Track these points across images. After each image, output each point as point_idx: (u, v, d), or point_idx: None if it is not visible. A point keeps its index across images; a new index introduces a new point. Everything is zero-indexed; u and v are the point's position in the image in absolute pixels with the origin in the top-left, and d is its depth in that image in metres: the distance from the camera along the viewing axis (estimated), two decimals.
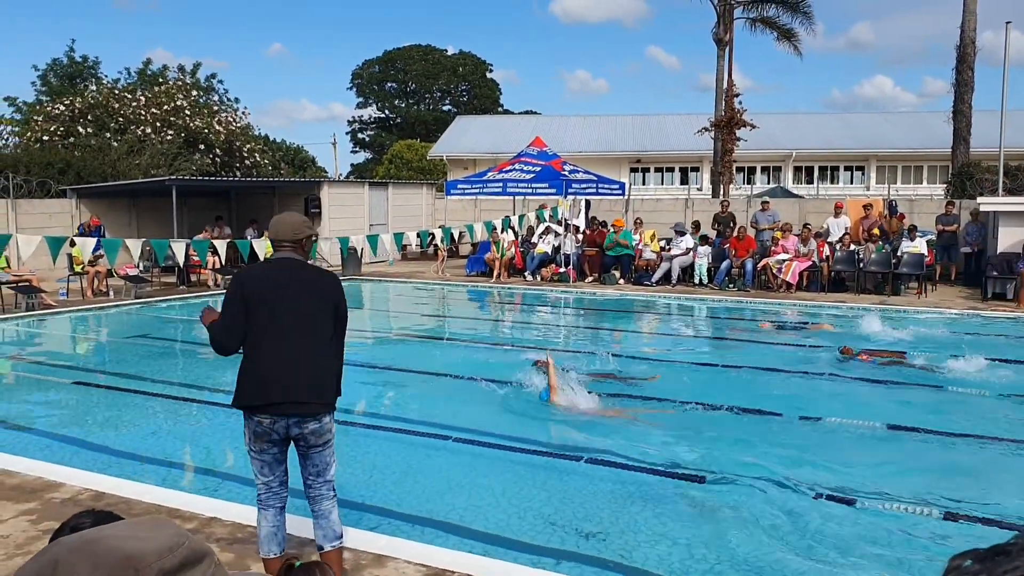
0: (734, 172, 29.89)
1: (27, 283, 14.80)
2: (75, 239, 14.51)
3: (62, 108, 28.36)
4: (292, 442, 4.16)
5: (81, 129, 27.28)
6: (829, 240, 18.84)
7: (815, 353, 11.22)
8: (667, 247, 19.55)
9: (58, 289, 16.15)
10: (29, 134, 27.72)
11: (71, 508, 5.46)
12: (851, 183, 38.96)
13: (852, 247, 18.22)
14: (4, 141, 28.45)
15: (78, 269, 16.53)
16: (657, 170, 40.69)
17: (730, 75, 28.68)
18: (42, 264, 16.06)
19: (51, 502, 5.59)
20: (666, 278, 18.99)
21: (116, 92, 30.25)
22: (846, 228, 19.17)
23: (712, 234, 20.21)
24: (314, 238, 4.47)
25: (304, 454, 4.16)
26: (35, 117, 29.35)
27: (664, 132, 41.02)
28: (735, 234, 19.12)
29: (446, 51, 62.37)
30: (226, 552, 4.81)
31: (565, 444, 7.08)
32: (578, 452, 6.78)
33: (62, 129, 27.39)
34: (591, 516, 5.50)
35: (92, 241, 13.42)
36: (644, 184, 39.31)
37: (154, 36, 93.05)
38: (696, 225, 20.17)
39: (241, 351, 4.15)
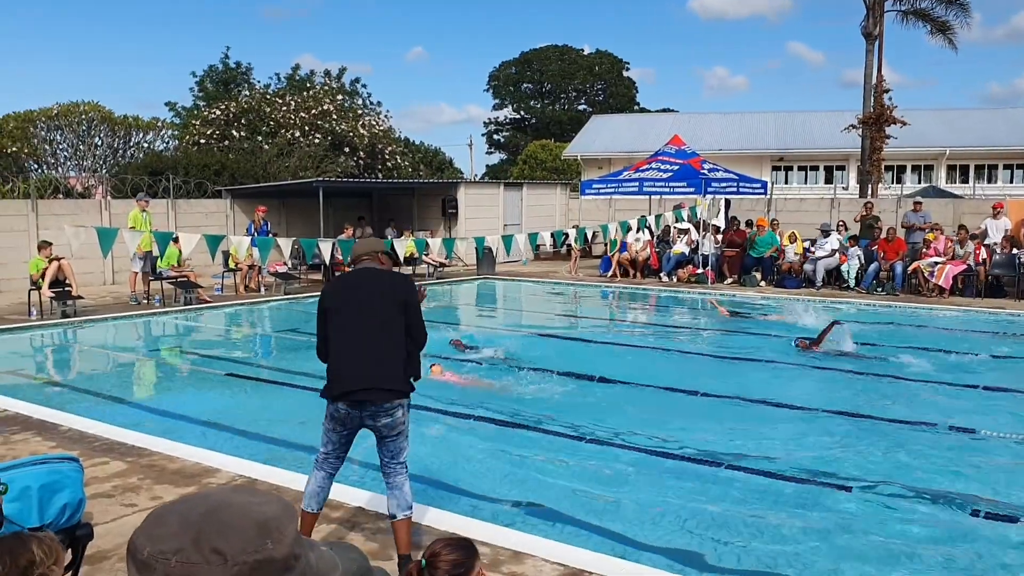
0: (883, 171, 28.60)
1: (186, 279, 15.69)
2: (233, 238, 15.32)
3: (217, 113, 29.97)
4: (367, 429, 4.64)
5: (235, 133, 28.75)
6: (987, 242, 17.75)
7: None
8: (811, 248, 18.88)
9: (213, 285, 17.05)
10: (187, 137, 29.42)
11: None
12: (1011, 182, 36.53)
13: (1013, 250, 17.12)
14: (165, 144, 30.30)
15: (232, 266, 17.42)
16: (800, 169, 39.37)
17: (879, 70, 27.45)
18: (199, 261, 17.01)
19: (209, 487, 5.90)
20: (809, 281, 18.36)
21: (267, 97, 31.72)
22: (1006, 230, 18.01)
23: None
24: (390, 256, 5.18)
25: (380, 441, 4.66)
26: (193, 121, 31.13)
27: (808, 129, 39.61)
28: (884, 235, 18.28)
29: (582, 50, 62.29)
30: (370, 542, 4.95)
31: (704, 449, 6.95)
32: (717, 459, 6.64)
33: (217, 133, 28.93)
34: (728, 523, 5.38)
35: (247, 240, 14.16)
36: (787, 183, 38.11)
37: (302, 42, 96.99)
38: (843, 225, 19.42)
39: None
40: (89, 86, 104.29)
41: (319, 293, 4.89)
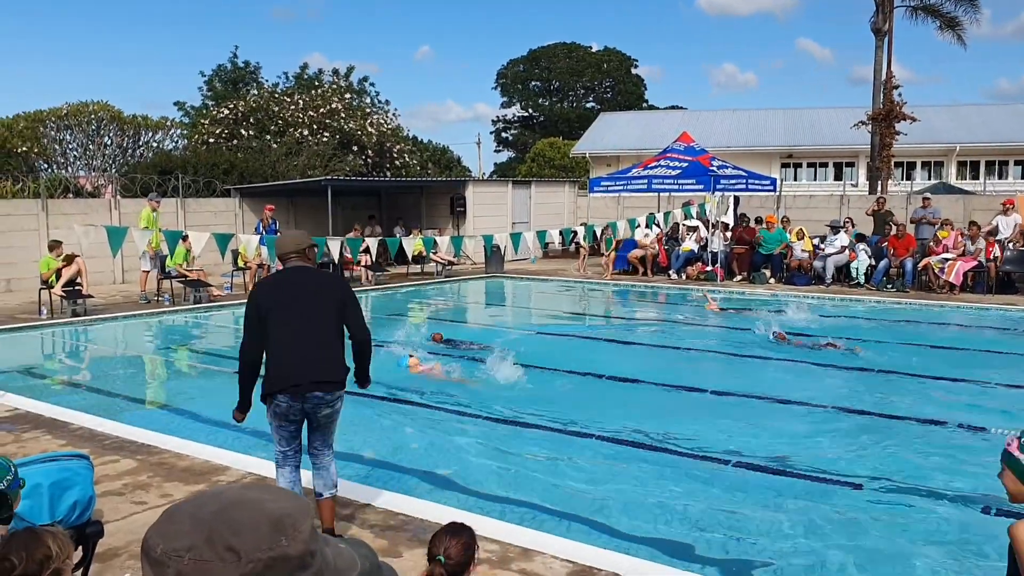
0: (892, 167, 28.48)
1: (196, 278, 15.73)
2: (242, 236, 15.37)
3: (226, 112, 30.02)
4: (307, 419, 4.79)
5: (243, 132, 28.78)
6: (999, 239, 17.66)
7: None
8: (820, 245, 18.81)
9: (223, 283, 17.09)
10: (196, 137, 29.48)
11: None
12: (1022, 178, 36.33)
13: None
14: (174, 143, 30.34)
15: (241, 265, 17.45)
16: (810, 165, 39.24)
17: (889, 66, 27.32)
18: (208, 260, 17.04)
19: (218, 484, 5.91)
20: (819, 278, 18.29)
21: (275, 96, 31.76)
22: (1016, 225, 17.92)
23: (868, 232, 19.34)
24: (315, 248, 5.20)
25: (315, 429, 4.84)
26: (202, 120, 31.18)
27: (817, 126, 39.48)
28: (894, 232, 18.21)
29: (591, 48, 62.15)
30: (379, 539, 4.96)
31: (710, 446, 6.93)
32: (726, 456, 6.64)
33: (226, 132, 28.98)
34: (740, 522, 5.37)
35: (255, 239, 14.18)
36: (796, 180, 37.98)
37: (310, 42, 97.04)
38: (850, 222, 19.35)
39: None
40: (98, 86, 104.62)
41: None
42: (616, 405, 8.38)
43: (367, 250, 16.51)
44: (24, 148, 25.34)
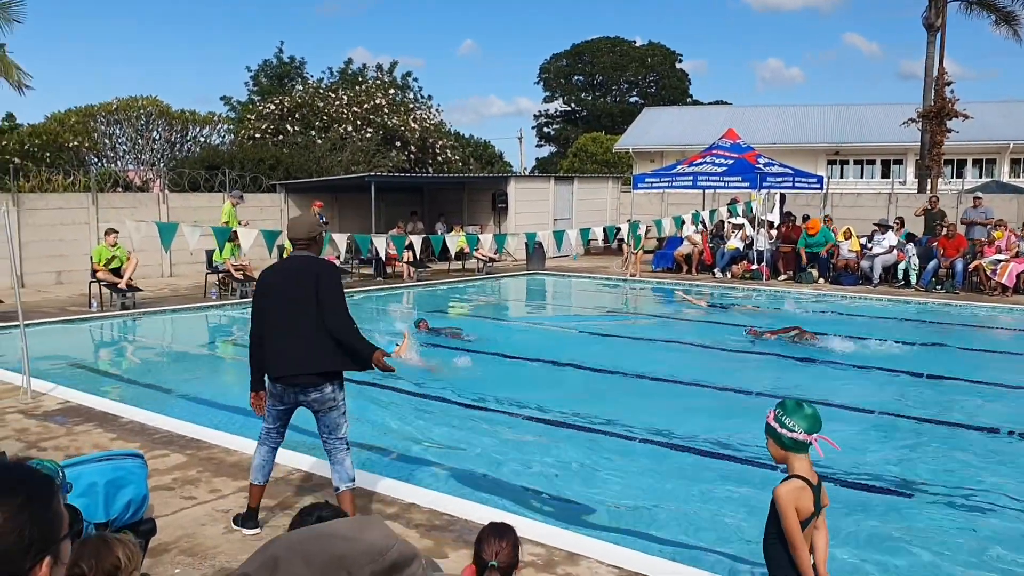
0: (942, 165, 27.91)
1: (242, 272, 15.90)
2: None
3: (272, 107, 30.32)
4: (303, 407, 4.96)
5: (289, 127, 29.05)
6: None
7: None
8: (868, 245, 18.49)
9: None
10: (243, 132, 29.80)
11: (283, 487, 5.82)
12: None
13: None
14: (221, 138, 30.71)
15: None
16: (856, 163, 38.63)
17: (941, 62, 26.75)
18: (255, 255, 17.21)
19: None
20: (866, 278, 18.00)
21: (320, 92, 31.99)
22: None
23: (919, 231, 19.00)
24: (323, 236, 5.32)
25: (316, 417, 4.98)
26: (248, 116, 31.52)
27: (864, 123, 38.81)
28: (944, 232, 17.85)
29: (634, 42, 61.81)
30: (424, 539, 4.97)
31: (754, 449, 6.84)
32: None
33: (272, 127, 29.27)
34: None
35: None
36: (842, 177, 37.40)
37: (355, 37, 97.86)
38: (900, 222, 19.01)
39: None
40: (147, 81, 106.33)
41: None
42: (659, 406, 8.32)
43: (410, 246, 16.59)
44: (75, 142, 25.82)
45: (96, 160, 27.20)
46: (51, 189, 19.92)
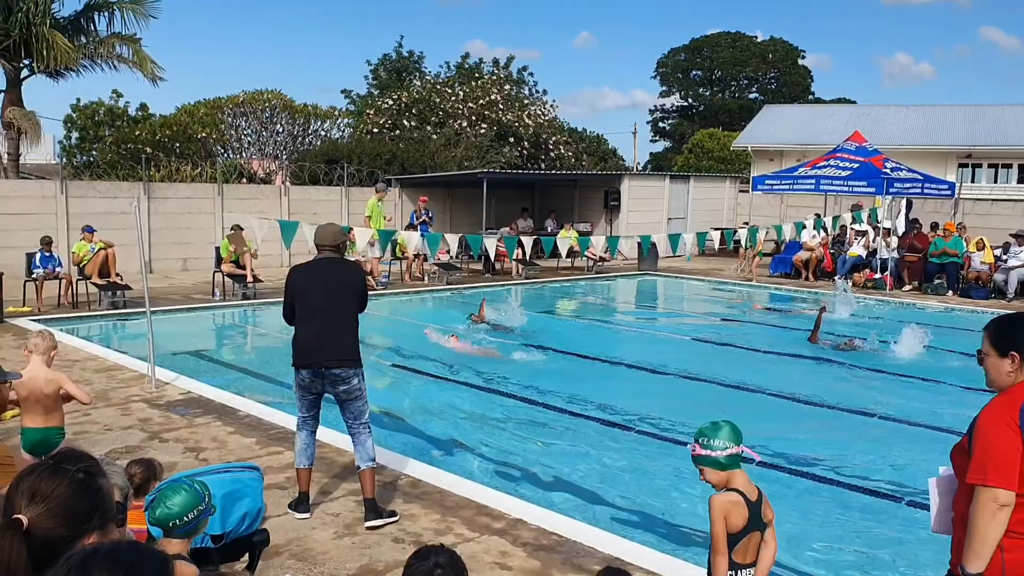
0: None
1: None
2: (403, 233, 15.82)
3: (390, 102, 30.86)
4: (330, 395, 5.48)
5: (405, 122, 29.51)
6: None
7: None
8: (1002, 256, 17.46)
9: (382, 272, 17.55)
10: (362, 126, 30.45)
11: (390, 492, 5.84)
12: None
13: None
14: (340, 132, 31.46)
15: (399, 255, 17.91)
16: (991, 166, 36.62)
17: None
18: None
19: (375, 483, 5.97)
20: (999, 292, 17.02)
21: (437, 87, 32.36)
22: None
23: None
24: (347, 242, 6.15)
25: (341, 405, 5.49)
26: (367, 111, 32.17)
27: (1001, 124, 36.68)
28: None
29: (755, 37, 60.25)
30: (531, 559, 4.87)
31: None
32: (893, 489, 6.20)
33: (389, 122, 29.79)
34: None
35: (416, 235, 14.54)
36: (974, 181, 35.52)
37: (471, 29, 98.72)
38: None
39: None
40: (272, 74, 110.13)
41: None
42: (780, 427, 8.03)
43: (521, 245, 16.59)
44: (203, 133, 26.90)
45: (222, 151, 28.28)
46: (179, 179, 20.78)
